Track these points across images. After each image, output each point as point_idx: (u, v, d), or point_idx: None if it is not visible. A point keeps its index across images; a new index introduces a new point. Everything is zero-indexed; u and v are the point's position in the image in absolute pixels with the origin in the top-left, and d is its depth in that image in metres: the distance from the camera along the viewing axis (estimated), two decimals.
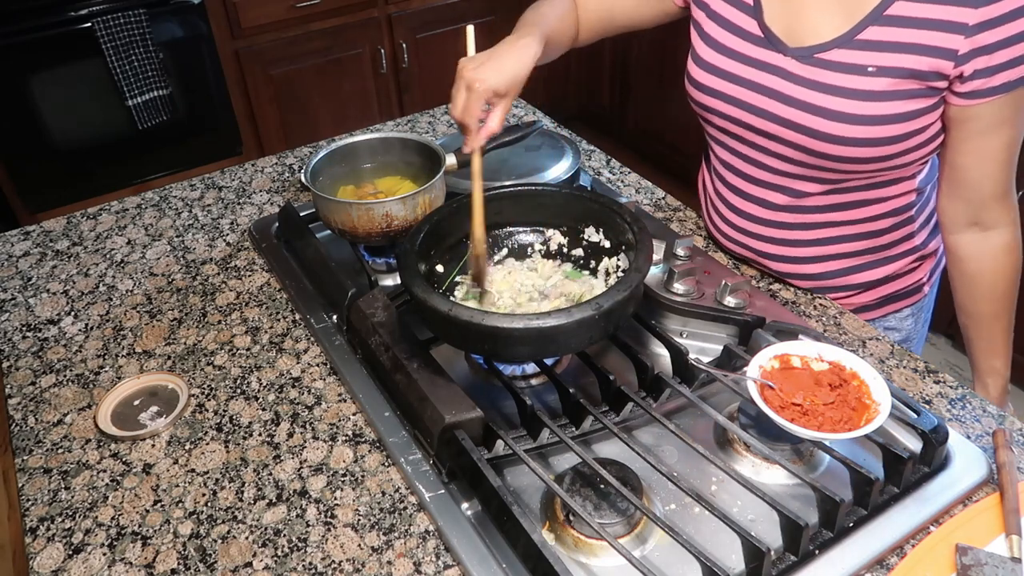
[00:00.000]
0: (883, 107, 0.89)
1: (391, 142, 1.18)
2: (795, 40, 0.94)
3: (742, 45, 0.98)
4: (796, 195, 1.03)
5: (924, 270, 1.13)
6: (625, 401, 0.86)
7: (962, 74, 0.86)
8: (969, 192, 0.96)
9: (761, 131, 0.99)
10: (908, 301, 1.14)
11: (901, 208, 1.03)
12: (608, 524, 0.74)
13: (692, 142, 2.97)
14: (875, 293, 1.12)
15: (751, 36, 0.98)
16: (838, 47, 0.90)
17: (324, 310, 1.07)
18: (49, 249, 1.27)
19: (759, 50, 0.97)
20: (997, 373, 1.06)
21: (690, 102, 1.08)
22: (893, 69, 0.88)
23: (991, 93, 0.86)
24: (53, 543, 0.81)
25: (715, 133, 1.08)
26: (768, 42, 0.96)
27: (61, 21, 2.36)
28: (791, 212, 1.05)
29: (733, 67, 0.99)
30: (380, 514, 0.82)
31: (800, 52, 0.93)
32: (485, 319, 0.80)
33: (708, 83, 1.02)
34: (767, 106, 0.97)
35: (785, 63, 0.94)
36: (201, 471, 0.87)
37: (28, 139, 2.46)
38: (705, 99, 1.04)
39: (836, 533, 0.74)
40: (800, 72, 0.93)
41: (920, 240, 1.09)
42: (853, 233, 1.05)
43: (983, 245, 0.99)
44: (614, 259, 0.99)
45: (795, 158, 0.98)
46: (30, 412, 0.97)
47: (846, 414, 0.77)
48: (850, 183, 0.99)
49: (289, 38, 2.78)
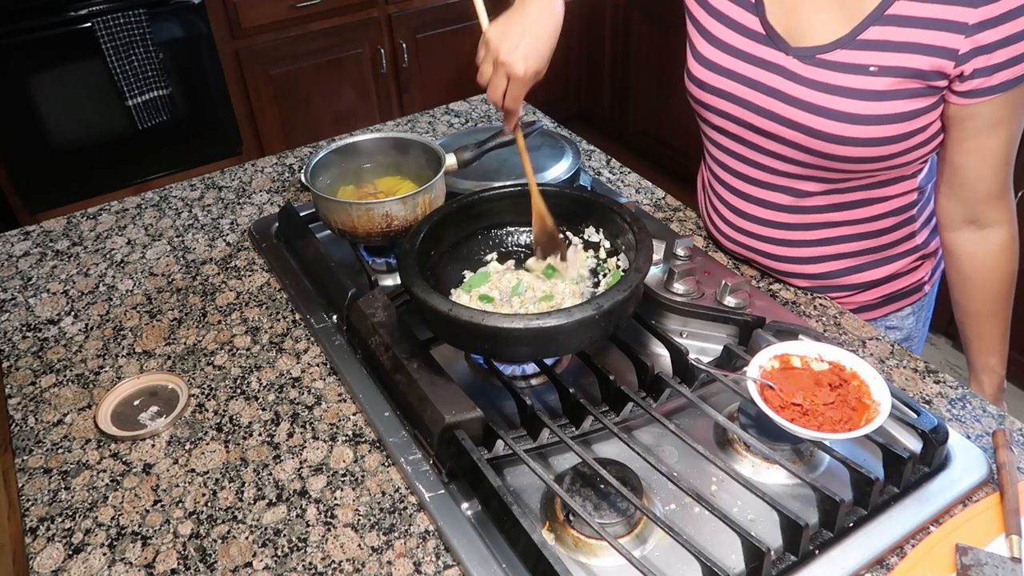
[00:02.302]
0: (885, 107, 0.89)
1: (391, 142, 1.18)
2: (797, 40, 0.94)
3: (744, 43, 0.98)
4: (797, 195, 1.03)
5: (925, 269, 1.13)
6: (625, 401, 0.86)
7: (962, 73, 0.86)
8: (966, 191, 0.96)
9: (762, 130, 0.99)
10: (909, 300, 1.15)
11: (902, 208, 1.03)
12: (608, 524, 0.74)
13: (692, 142, 2.97)
14: (876, 292, 1.12)
15: (753, 33, 0.97)
16: (840, 47, 0.90)
17: (324, 310, 1.07)
18: (49, 249, 1.27)
19: (762, 48, 0.97)
20: (992, 371, 1.06)
21: (689, 99, 1.08)
22: (895, 69, 0.88)
23: (990, 92, 0.87)
24: (53, 543, 0.81)
25: (712, 134, 1.08)
26: (770, 40, 0.96)
27: (61, 21, 2.36)
28: (792, 212, 1.05)
29: (735, 64, 0.99)
30: (380, 514, 0.82)
31: (802, 52, 0.93)
32: (485, 319, 0.80)
33: (709, 80, 1.02)
34: (769, 105, 0.96)
35: (787, 62, 0.94)
36: (201, 471, 0.87)
37: (28, 139, 2.46)
38: (705, 96, 1.03)
39: (836, 533, 0.74)
40: (802, 72, 0.93)
41: (921, 239, 1.09)
42: (854, 233, 1.05)
43: (980, 244, 0.99)
44: (614, 259, 0.99)
45: (797, 158, 0.98)
46: (30, 412, 0.97)
47: (846, 414, 0.77)
48: (851, 183, 0.99)
49: (289, 38, 2.78)
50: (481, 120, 1.57)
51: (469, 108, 1.63)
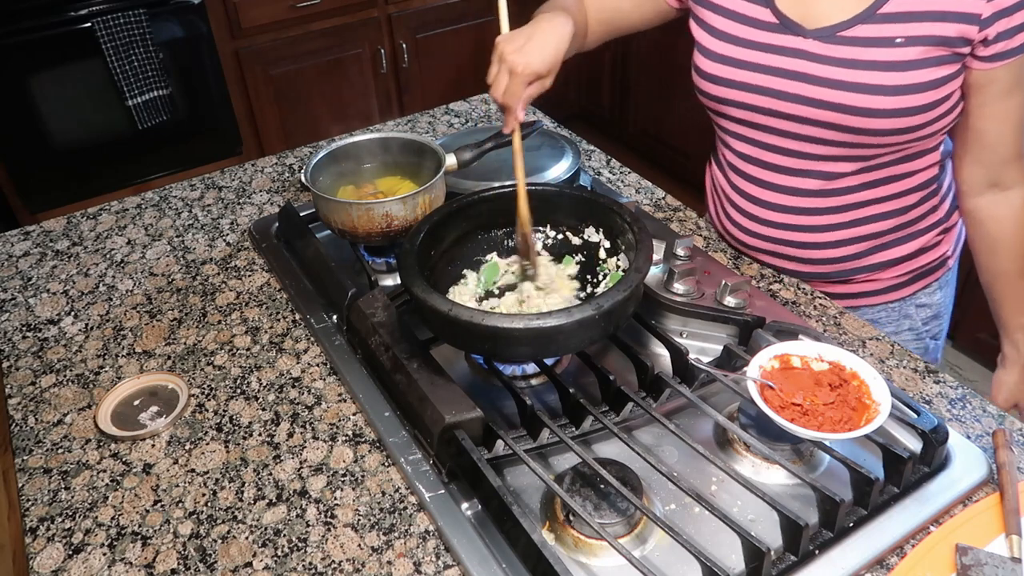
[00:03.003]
0: (913, 76, 0.91)
1: (391, 142, 1.18)
2: (812, 22, 0.96)
3: (756, 33, 1.00)
4: (828, 178, 1.04)
5: (948, 242, 1.15)
6: (625, 401, 0.86)
7: (986, 38, 0.89)
8: (988, 154, 0.99)
9: (789, 115, 1.00)
10: (935, 276, 1.16)
11: (927, 181, 1.06)
12: (608, 524, 0.74)
13: (692, 142, 2.98)
14: (902, 268, 1.13)
15: (764, 24, 0.99)
16: (860, 23, 0.92)
17: (324, 310, 1.07)
18: (49, 249, 1.27)
19: (775, 35, 0.98)
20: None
21: (702, 97, 1.09)
22: (922, 38, 0.90)
23: (1012, 54, 0.90)
24: (53, 543, 0.81)
25: (731, 126, 1.09)
26: (784, 27, 0.97)
27: (61, 21, 2.36)
28: (822, 196, 1.06)
29: (749, 55, 1.00)
30: (380, 514, 0.82)
31: (820, 32, 0.95)
32: (485, 319, 0.80)
33: (723, 74, 1.03)
34: (793, 88, 0.98)
35: (806, 45, 0.96)
36: (201, 471, 0.87)
37: (28, 139, 2.46)
38: (721, 91, 1.04)
39: (836, 533, 0.74)
40: (823, 52, 0.95)
41: (943, 212, 1.11)
42: (884, 211, 1.07)
43: (1004, 205, 1.02)
44: (614, 259, 0.99)
45: (828, 138, 0.99)
46: (30, 412, 0.97)
47: (846, 414, 0.77)
48: (882, 159, 1.01)
49: (289, 38, 2.78)
50: (481, 120, 1.57)
51: (469, 108, 1.63)
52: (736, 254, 1.18)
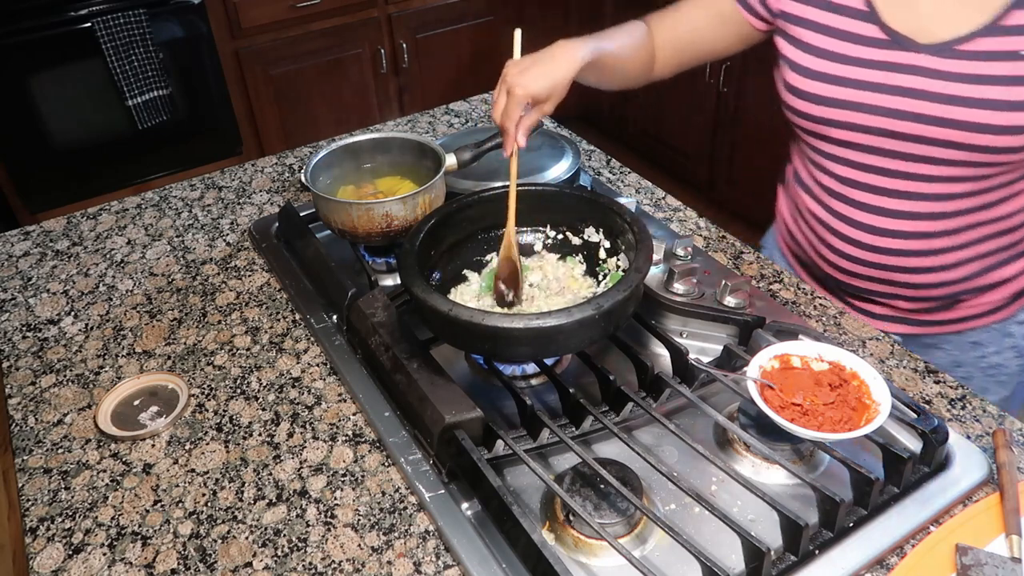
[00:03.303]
0: None
1: (391, 142, 1.18)
2: (926, 37, 0.92)
3: (861, 50, 0.95)
4: (941, 199, 0.99)
5: None
6: (625, 401, 0.86)
7: None
8: None
9: (900, 134, 0.96)
10: None
11: None
12: (608, 524, 0.74)
13: (692, 142, 2.97)
14: (1006, 290, 1.08)
15: (872, 40, 0.95)
16: (980, 36, 0.89)
17: (324, 310, 1.07)
18: (49, 249, 1.27)
19: (884, 52, 0.94)
20: None
21: (794, 117, 1.04)
22: None
23: None
24: (53, 543, 0.81)
25: (829, 148, 1.03)
26: (895, 43, 0.93)
27: (61, 21, 2.36)
28: (934, 219, 1.01)
29: (853, 72, 0.96)
30: (380, 514, 0.82)
31: (936, 48, 0.91)
32: (485, 319, 0.80)
33: (823, 92, 0.98)
34: (906, 106, 0.93)
35: (921, 60, 0.92)
36: (201, 471, 0.87)
37: (28, 139, 2.47)
38: (820, 110, 0.99)
39: (836, 533, 0.74)
40: (940, 67, 0.91)
41: None
42: (994, 232, 1.02)
43: None
44: (614, 259, 0.99)
45: (941, 157, 0.95)
46: (30, 412, 0.97)
47: (846, 414, 0.77)
48: (998, 178, 0.97)
49: (289, 38, 2.78)
50: (481, 120, 1.57)
51: (469, 108, 1.63)
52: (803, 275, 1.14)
